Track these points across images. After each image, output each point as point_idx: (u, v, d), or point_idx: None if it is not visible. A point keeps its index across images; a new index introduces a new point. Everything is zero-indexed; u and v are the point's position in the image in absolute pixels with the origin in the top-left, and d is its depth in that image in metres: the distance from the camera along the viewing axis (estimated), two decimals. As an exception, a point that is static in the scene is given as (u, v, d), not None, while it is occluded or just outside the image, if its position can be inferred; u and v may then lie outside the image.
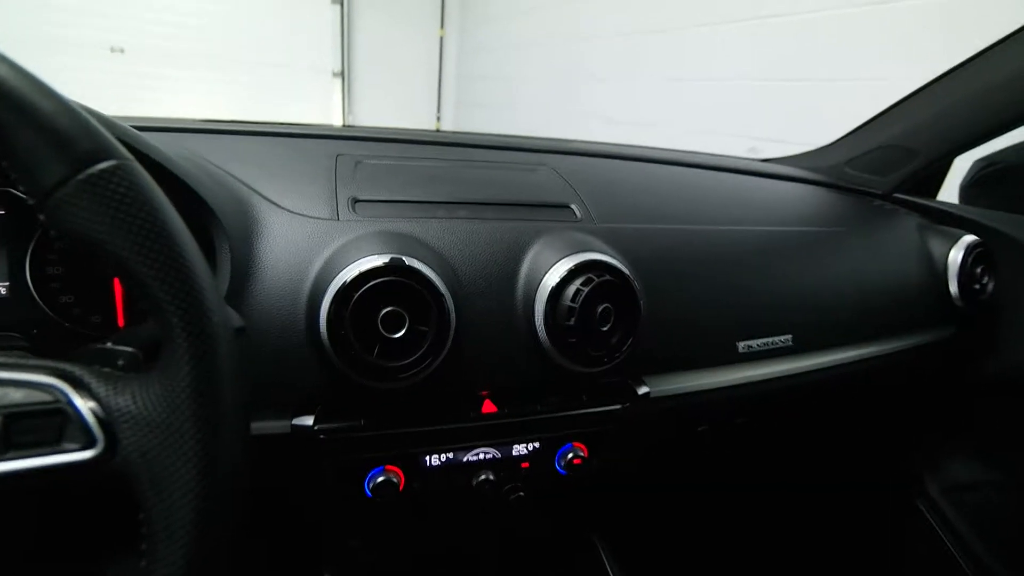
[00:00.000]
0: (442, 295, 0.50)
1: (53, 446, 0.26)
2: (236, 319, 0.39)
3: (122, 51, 3.83)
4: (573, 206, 0.67)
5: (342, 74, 4.43)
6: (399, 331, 0.49)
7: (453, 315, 0.51)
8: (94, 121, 0.28)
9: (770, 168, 1.02)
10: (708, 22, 1.87)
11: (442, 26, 4.63)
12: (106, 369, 0.30)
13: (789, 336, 0.71)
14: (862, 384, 0.84)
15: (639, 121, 2.31)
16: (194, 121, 0.79)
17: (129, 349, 0.33)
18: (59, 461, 0.26)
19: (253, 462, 0.55)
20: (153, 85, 3.89)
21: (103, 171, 0.27)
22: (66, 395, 0.27)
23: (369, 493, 0.56)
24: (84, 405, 0.27)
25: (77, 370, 0.29)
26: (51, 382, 0.28)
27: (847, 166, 1.05)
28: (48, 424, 0.27)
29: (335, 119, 4.48)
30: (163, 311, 0.28)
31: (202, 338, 0.28)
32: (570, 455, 0.62)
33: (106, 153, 0.28)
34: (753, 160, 1.15)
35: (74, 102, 0.39)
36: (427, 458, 0.57)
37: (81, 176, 0.27)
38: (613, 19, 2.46)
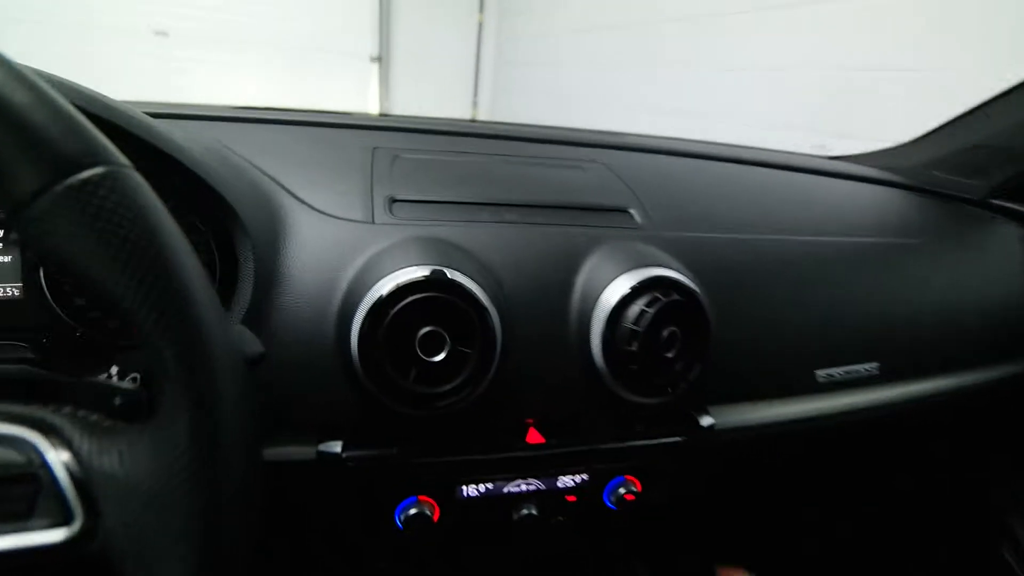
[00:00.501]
0: (488, 314, 0.44)
1: (20, 522, 0.21)
2: (253, 344, 0.33)
3: (166, 34, 3.87)
4: (632, 210, 0.60)
5: (379, 59, 4.39)
6: (439, 353, 0.43)
7: (499, 336, 0.45)
8: (81, 118, 0.23)
9: (846, 168, 0.91)
10: (772, 6, 1.74)
11: (481, 10, 4.54)
12: (94, 417, 0.25)
13: (876, 364, 0.62)
14: (953, 416, 0.74)
15: (692, 111, 2.18)
16: (225, 108, 0.74)
17: (128, 386, 0.28)
18: (26, 544, 0.21)
19: (273, 489, 0.50)
20: (194, 68, 3.93)
21: (88, 180, 0.22)
22: (41, 455, 0.22)
23: (400, 525, 0.51)
24: (62, 468, 0.22)
25: (58, 420, 0.24)
26: (26, 436, 0.23)
27: (933, 167, 0.94)
28: (17, 493, 0.22)
29: (372, 103, 4.46)
30: (156, 353, 0.22)
31: (202, 387, 0.23)
32: (621, 489, 0.56)
33: (93, 157, 0.22)
34: (824, 158, 1.05)
35: (62, 93, 0.33)
36: (464, 488, 0.52)
37: (61, 186, 0.21)
38: (663, 3, 2.33)
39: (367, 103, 4.45)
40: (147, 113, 0.62)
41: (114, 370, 0.27)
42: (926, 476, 0.90)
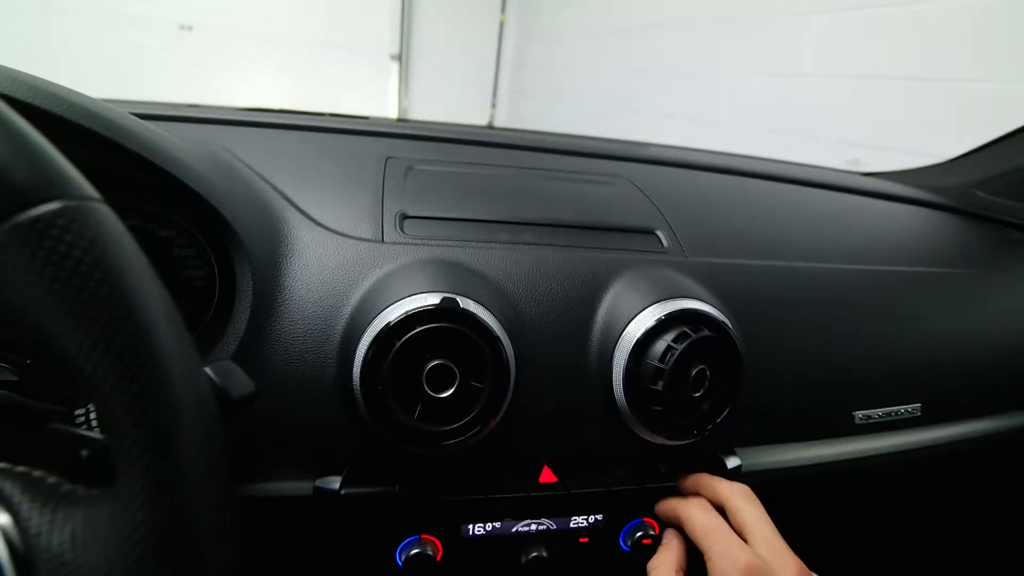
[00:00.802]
0: (502, 346, 0.41)
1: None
2: (243, 384, 0.30)
3: (190, 29, 3.90)
4: (659, 232, 0.56)
5: (400, 57, 4.38)
6: (447, 389, 0.40)
7: (513, 370, 0.41)
8: (38, 141, 0.20)
9: (885, 187, 0.86)
10: (799, 11, 1.68)
11: (503, 11, 4.51)
12: (52, 479, 0.22)
13: (918, 404, 0.58)
14: (1000, 461, 0.69)
15: (712, 120, 2.13)
16: (235, 111, 0.72)
17: (98, 436, 0.25)
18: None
19: (269, 524, 0.47)
20: (218, 63, 3.95)
21: (40, 217, 0.19)
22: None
23: (400, 563, 0.47)
24: (1, 542, 0.19)
25: (8, 485, 0.20)
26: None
27: (977, 188, 0.88)
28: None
29: (391, 102, 4.45)
30: (114, 422, 0.19)
31: (164, 472, 0.19)
32: (638, 533, 0.52)
33: (49, 190, 0.19)
34: (860, 175, 1.00)
35: (37, 97, 0.30)
36: (469, 527, 0.48)
37: (7, 224, 0.18)
38: (683, 8, 2.27)
39: (386, 101, 4.44)
40: (155, 115, 0.61)
41: (74, 429, 0.24)
42: (967, 523, 0.85)
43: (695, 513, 0.44)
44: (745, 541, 0.41)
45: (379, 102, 4.42)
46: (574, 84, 3.39)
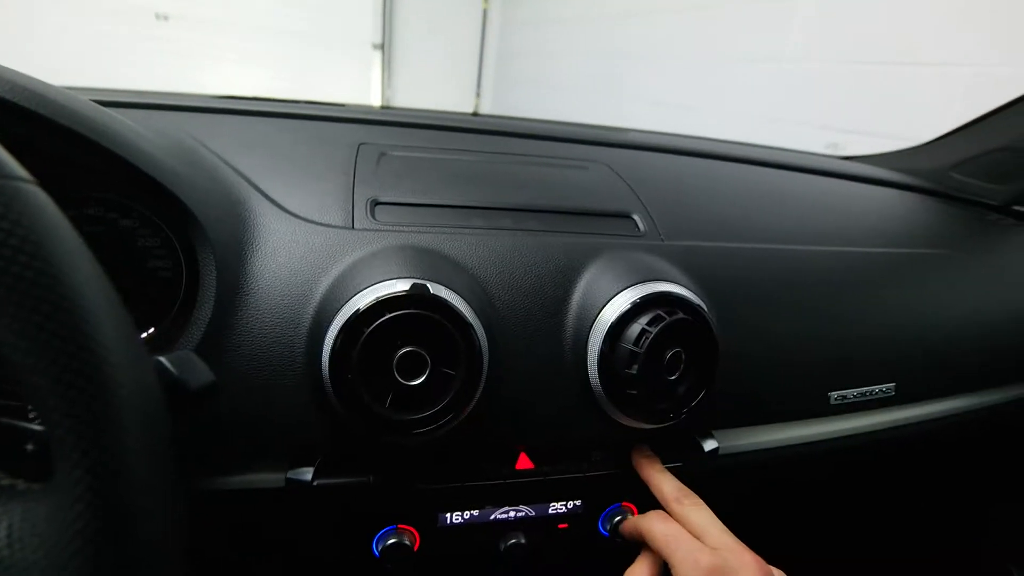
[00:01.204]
0: (474, 333, 0.40)
1: None
2: (202, 374, 0.29)
3: (166, 18, 3.81)
4: (635, 216, 0.55)
5: (382, 46, 4.31)
6: (419, 377, 0.39)
7: (486, 357, 0.41)
8: None
9: (863, 170, 0.87)
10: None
11: (486, -2, 4.45)
12: (-9, 474, 0.21)
13: (892, 384, 0.58)
14: (973, 438, 0.70)
15: (690, 105, 2.12)
16: (205, 98, 0.70)
17: (40, 428, 0.24)
18: None
19: (243, 517, 0.47)
20: (197, 52, 3.87)
21: None
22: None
23: (377, 554, 0.47)
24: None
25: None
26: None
27: (953, 170, 0.89)
28: None
29: (374, 91, 4.39)
30: (46, 411, 0.18)
31: (104, 449, 0.19)
32: (617, 517, 0.52)
33: None
34: (839, 159, 1.00)
35: None
36: (447, 516, 0.48)
37: None
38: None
39: (369, 91, 4.38)
40: (120, 103, 0.59)
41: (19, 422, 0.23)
42: (942, 499, 0.86)
43: (654, 525, 0.44)
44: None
45: (362, 92, 4.35)
46: (559, 72, 3.36)
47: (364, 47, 4.28)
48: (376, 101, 4.39)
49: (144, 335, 0.43)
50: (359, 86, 4.35)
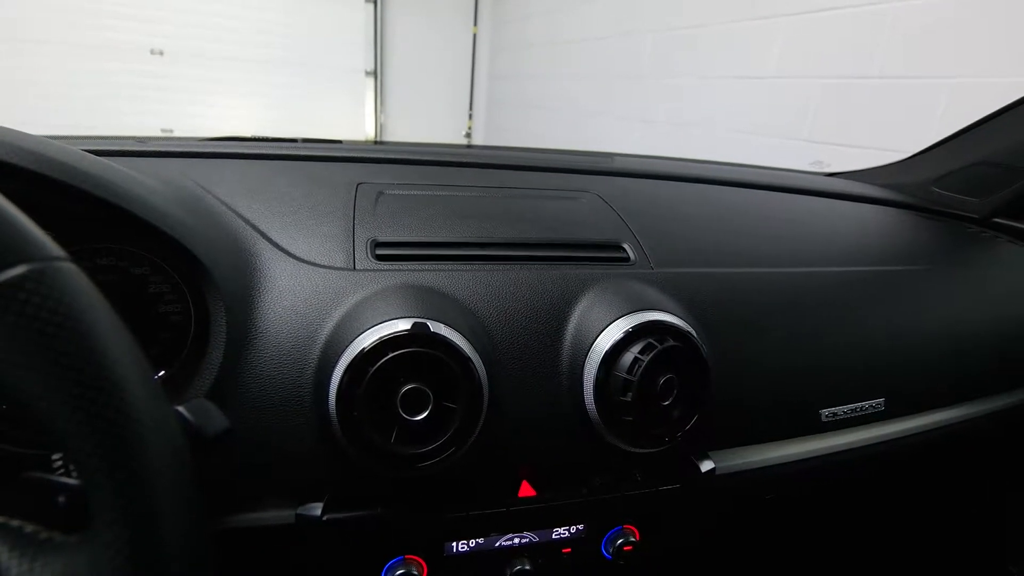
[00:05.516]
0: (474, 367, 0.42)
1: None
2: (217, 420, 0.31)
3: (161, 53, 3.88)
4: (625, 245, 0.58)
5: (375, 73, 4.39)
6: (422, 412, 0.41)
7: (486, 391, 0.43)
8: (4, 205, 0.21)
9: (846, 187, 0.89)
10: (762, 16, 1.73)
11: (475, 23, 4.55)
12: (30, 528, 0.22)
13: (882, 400, 0.60)
14: (963, 448, 0.72)
15: (682, 122, 2.17)
16: (204, 142, 0.72)
17: (73, 483, 0.25)
18: None
19: (254, 554, 0.48)
20: (190, 87, 3.93)
21: (7, 282, 0.19)
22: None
23: (386, 585, 0.48)
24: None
25: (-15, 537, 0.21)
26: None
27: (935, 185, 0.92)
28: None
29: (368, 118, 4.45)
30: (86, 468, 0.20)
31: (141, 501, 0.20)
32: (619, 540, 0.53)
33: (16, 255, 0.20)
34: (823, 176, 1.03)
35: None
36: (453, 545, 0.49)
37: None
38: (651, 16, 2.32)
39: (363, 117, 4.45)
40: (120, 151, 0.61)
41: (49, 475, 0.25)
42: (937, 511, 0.87)
43: None
44: None
45: (356, 118, 4.42)
46: (548, 93, 3.43)
47: (357, 74, 4.36)
48: (370, 127, 4.45)
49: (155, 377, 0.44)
50: (353, 112, 4.42)
